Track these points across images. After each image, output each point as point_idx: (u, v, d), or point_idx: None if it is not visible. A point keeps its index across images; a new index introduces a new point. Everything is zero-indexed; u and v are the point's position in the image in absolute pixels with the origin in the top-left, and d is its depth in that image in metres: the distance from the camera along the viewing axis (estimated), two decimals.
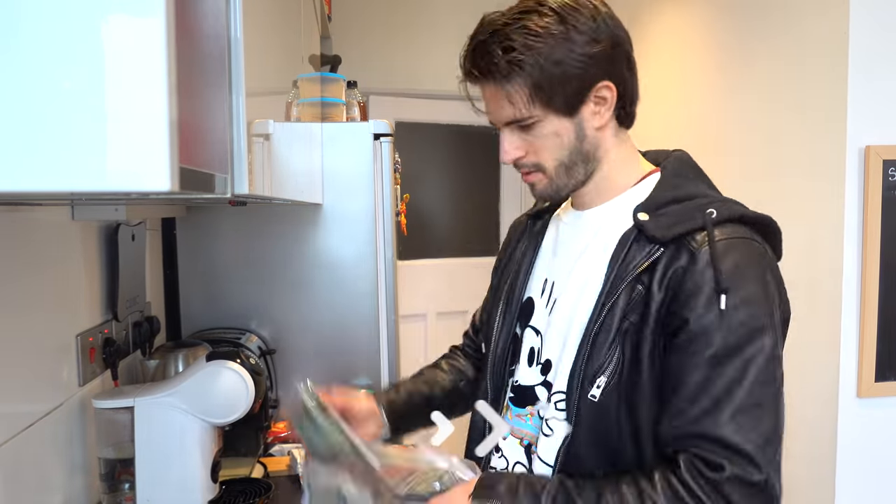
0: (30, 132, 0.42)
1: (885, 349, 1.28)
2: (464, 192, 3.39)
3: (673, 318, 0.86)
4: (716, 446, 0.81)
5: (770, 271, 0.92)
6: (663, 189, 0.95)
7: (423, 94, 3.18)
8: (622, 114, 0.97)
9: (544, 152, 0.93)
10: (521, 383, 1.01)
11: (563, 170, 0.94)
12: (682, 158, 1.02)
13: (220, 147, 0.65)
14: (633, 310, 0.88)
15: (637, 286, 0.89)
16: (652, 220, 0.90)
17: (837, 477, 1.30)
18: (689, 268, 0.86)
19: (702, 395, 0.83)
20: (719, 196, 0.97)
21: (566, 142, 0.93)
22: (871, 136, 1.26)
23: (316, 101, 1.63)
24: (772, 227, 0.96)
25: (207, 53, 0.60)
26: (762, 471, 0.83)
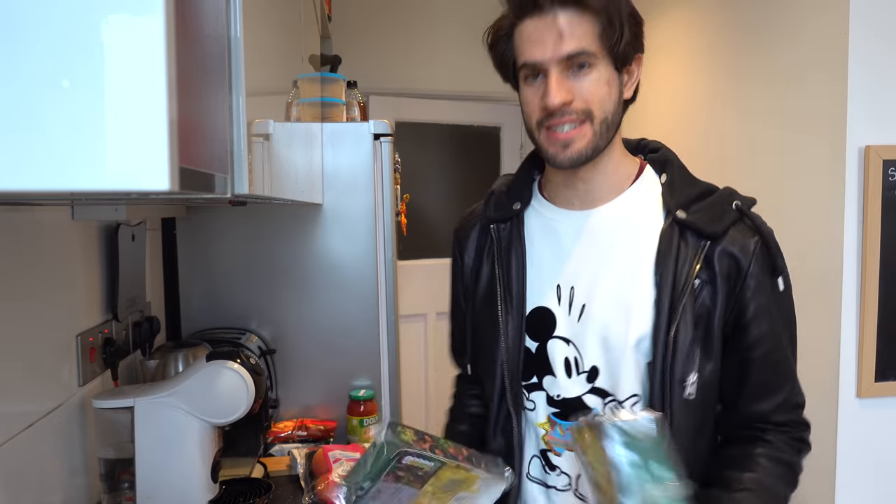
0: (29, 132, 0.42)
1: (885, 349, 1.28)
2: (464, 192, 3.39)
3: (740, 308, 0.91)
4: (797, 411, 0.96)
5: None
6: (685, 185, 0.97)
7: (423, 94, 3.18)
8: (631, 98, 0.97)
9: (595, 98, 0.89)
10: (564, 396, 0.98)
11: (605, 127, 0.92)
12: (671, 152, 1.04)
13: (220, 147, 0.65)
14: (703, 305, 0.91)
15: (700, 282, 0.91)
16: (692, 216, 0.93)
17: (837, 477, 1.30)
18: (742, 261, 0.91)
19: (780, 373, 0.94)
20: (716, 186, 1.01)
21: (614, 95, 0.91)
22: (871, 136, 1.26)
23: (316, 101, 1.63)
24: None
25: (207, 53, 0.60)
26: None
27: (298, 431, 1.71)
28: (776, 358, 0.94)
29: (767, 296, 0.92)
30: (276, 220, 1.80)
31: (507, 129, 3.34)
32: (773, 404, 0.94)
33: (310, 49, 1.93)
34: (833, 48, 1.29)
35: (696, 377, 0.91)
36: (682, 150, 1.84)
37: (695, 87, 1.81)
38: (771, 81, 1.49)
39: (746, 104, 1.58)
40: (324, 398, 1.81)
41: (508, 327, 1.00)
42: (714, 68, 1.71)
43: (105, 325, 1.36)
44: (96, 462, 1.27)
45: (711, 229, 0.92)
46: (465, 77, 3.21)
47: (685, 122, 1.84)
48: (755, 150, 1.55)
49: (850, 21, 1.25)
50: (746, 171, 1.57)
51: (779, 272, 0.93)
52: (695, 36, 1.80)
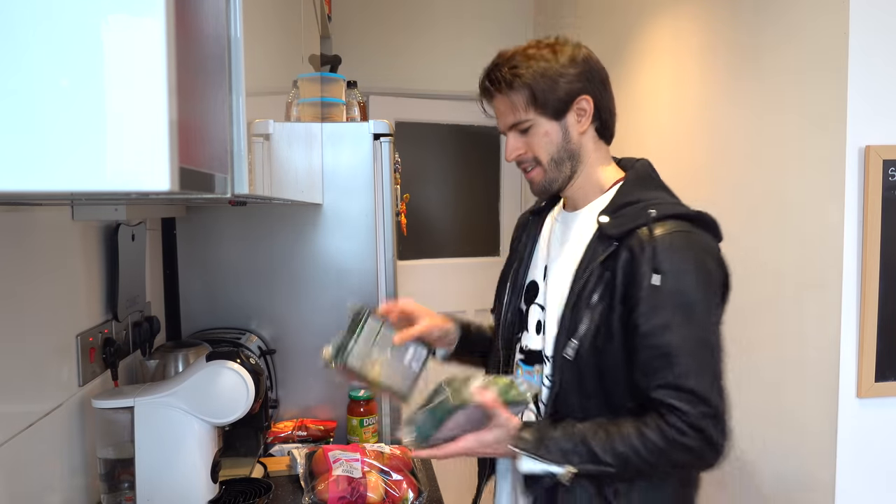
0: (29, 132, 0.42)
1: (885, 349, 1.28)
2: (464, 192, 3.39)
3: (630, 296, 1.11)
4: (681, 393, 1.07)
5: (702, 252, 1.15)
6: (620, 196, 1.20)
7: (423, 94, 3.18)
8: (600, 126, 1.22)
9: (539, 149, 1.19)
10: (530, 348, 1.26)
11: (554, 164, 1.20)
12: (640, 170, 1.25)
13: (220, 147, 0.65)
14: (606, 291, 1.13)
15: (605, 272, 1.14)
16: (610, 221, 1.16)
17: (837, 477, 1.30)
18: (636, 256, 1.11)
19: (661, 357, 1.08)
20: (665, 199, 1.20)
21: (555, 140, 1.19)
22: (871, 136, 1.26)
23: (316, 101, 1.63)
24: (705, 219, 1.18)
25: (207, 53, 0.60)
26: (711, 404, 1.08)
27: (298, 431, 1.71)
28: (656, 342, 1.09)
29: (647, 287, 1.09)
30: (276, 220, 1.80)
31: None
32: (654, 382, 1.09)
33: (310, 49, 1.93)
34: (833, 48, 1.29)
35: (576, 344, 1.13)
36: (681, 150, 1.84)
37: (694, 87, 1.81)
38: (770, 81, 1.49)
39: (746, 104, 1.58)
40: (324, 398, 1.81)
41: (511, 293, 1.32)
42: (713, 68, 1.71)
43: (105, 325, 1.36)
44: (96, 462, 1.27)
45: (611, 232, 1.14)
46: (465, 77, 3.20)
47: (684, 122, 1.84)
48: (755, 150, 1.55)
49: (850, 21, 1.25)
50: (746, 171, 1.57)
51: (657, 270, 1.09)
52: (694, 36, 1.80)
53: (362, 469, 1.41)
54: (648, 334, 1.09)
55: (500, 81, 1.18)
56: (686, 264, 1.11)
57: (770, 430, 1.48)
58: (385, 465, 1.44)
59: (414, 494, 1.40)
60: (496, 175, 3.36)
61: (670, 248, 1.10)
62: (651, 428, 1.08)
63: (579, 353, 1.13)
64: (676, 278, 1.10)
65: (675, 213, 1.15)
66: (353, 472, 1.39)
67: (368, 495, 1.36)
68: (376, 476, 1.40)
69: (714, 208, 1.69)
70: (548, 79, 1.16)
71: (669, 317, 1.09)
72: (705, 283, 1.13)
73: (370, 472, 1.41)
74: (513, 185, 3.37)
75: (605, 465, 1.08)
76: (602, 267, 1.14)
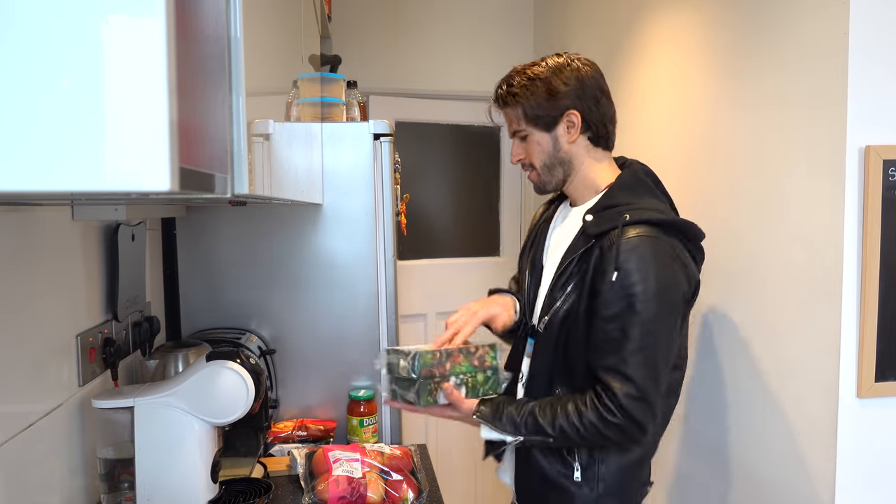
0: (29, 132, 0.42)
1: (885, 349, 1.28)
2: (464, 192, 3.38)
3: (595, 288, 1.29)
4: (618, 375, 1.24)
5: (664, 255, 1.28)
6: (605, 199, 1.37)
7: (423, 94, 3.18)
8: (593, 136, 1.39)
9: (534, 156, 1.41)
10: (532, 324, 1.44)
11: (546, 169, 1.41)
12: (628, 173, 1.40)
13: (220, 147, 0.65)
14: (579, 282, 1.32)
15: (582, 265, 1.32)
16: (592, 220, 1.34)
17: (837, 477, 1.30)
18: (605, 254, 1.28)
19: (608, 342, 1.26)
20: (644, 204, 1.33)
21: (546, 149, 1.40)
22: (871, 136, 1.26)
23: (316, 101, 1.63)
24: (677, 225, 1.32)
25: (207, 53, 0.60)
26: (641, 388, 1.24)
27: (298, 431, 1.71)
28: (607, 328, 1.26)
29: (608, 281, 1.26)
30: (276, 220, 1.80)
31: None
32: (600, 363, 1.27)
33: (310, 49, 1.93)
34: (833, 48, 1.29)
35: (547, 319, 1.35)
36: (680, 150, 1.84)
37: (693, 87, 1.81)
38: (770, 81, 1.49)
39: (744, 104, 1.58)
40: (324, 398, 1.81)
41: (531, 274, 1.49)
42: (712, 68, 1.71)
43: (105, 325, 1.36)
44: (96, 462, 1.27)
45: (591, 231, 1.32)
46: (465, 77, 3.21)
47: (682, 121, 1.84)
48: (754, 150, 1.55)
49: (850, 21, 1.24)
50: (745, 171, 1.57)
51: (617, 268, 1.25)
52: (693, 36, 1.80)
53: (362, 469, 1.41)
54: (603, 320, 1.26)
55: (501, 98, 1.41)
56: (643, 265, 1.25)
57: (770, 429, 1.48)
58: (385, 465, 1.44)
59: (414, 494, 1.40)
60: (496, 175, 3.36)
61: (632, 249, 1.25)
62: (588, 407, 1.26)
63: (548, 328, 1.35)
64: (632, 276, 1.24)
65: (645, 219, 1.29)
66: (353, 472, 1.39)
67: (368, 495, 1.36)
68: (376, 476, 1.40)
69: (713, 208, 1.69)
70: (538, 97, 1.37)
71: (621, 309, 1.25)
72: (662, 284, 1.26)
73: (370, 472, 1.41)
74: (513, 185, 3.37)
75: (547, 437, 1.28)
76: (580, 260, 1.32)
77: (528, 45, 3.30)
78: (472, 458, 3.25)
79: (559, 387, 1.36)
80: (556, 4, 2.99)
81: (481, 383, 1.36)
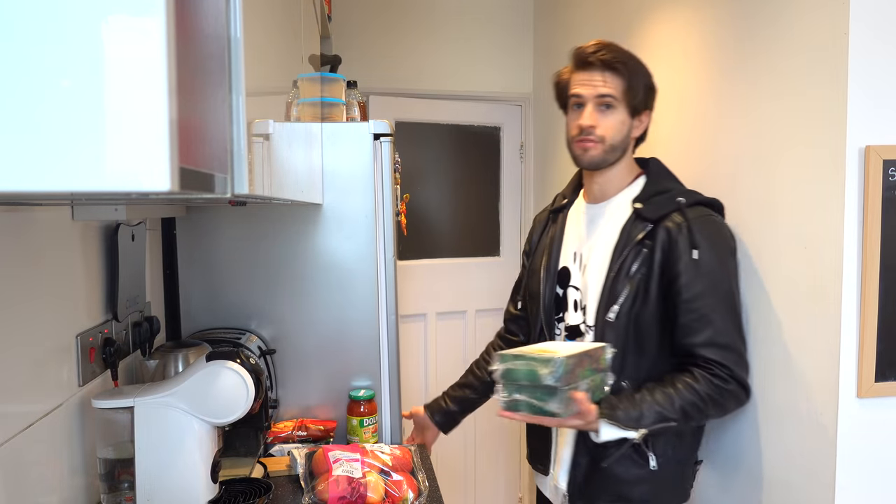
0: (29, 132, 0.42)
1: (885, 349, 1.28)
2: (464, 192, 3.38)
3: (669, 269, 1.35)
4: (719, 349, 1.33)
5: (724, 233, 1.44)
6: (650, 186, 1.46)
7: (423, 94, 3.18)
8: (639, 139, 1.49)
9: (610, 130, 1.41)
10: (570, 324, 1.50)
11: (611, 148, 1.43)
12: (658, 166, 1.52)
13: (220, 147, 0.64)
14: (643, 263, 1.37)
15: (643, 249, 1.37)
16: (644, 207, 1.41)
17: (837, 477, 1.30)
18: (675, 236, 1.35)
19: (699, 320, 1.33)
20: (684, 190, 1.47)
21: (622, 130, 1.43)
22: (871, 136, 1.26)
23: (316, 101, 1.63)
24: (718, 204, 1.49)
25: (207, 53, 0.60)
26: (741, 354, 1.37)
27: (298, 431, 1.71)
28: (696, 306, 1.33)
29: (688, 261, 1.34)
30: (276, 220, 1.79)
31: (507, 128, 3.34)
32: (697, 341, 1.33)
33: (310, 49, 1.93)
34: (833, 48, 1.29)
35: (617, 308, 1.38)
36: (680, 150, 1.84)
37: (692, 87, 1.81)
38: (769, 81, 1.49)
39: (744, 104, 1.58)
40: (324, 398, 1.81)
41: (545, 280, 1.53)
42: (712, 68, 1.71)
43: (105, 325, 1.36)
44: (96, 462, 1.27)
45: (650, 216, 1.39)
46: (465, 77, 3.21)
47: (683, 122, 1.84)
48: (754, 150, 1.55)
49: (850, 21, 1.24)
50: (745, 171, 1.57)
51: (695, 246, 1.34)
52: (692, 35, 1.80)
53: (362, 469, 1.41)
54: (690, 300, 1.33)
55: (610, 61, 1.38)
56: (715, 243, 1.37)
57: (769, 429, 1.48)
58: (385, 465, 1.44)
59: (414, 494, 1.40)
60: (496, 175, 3.36)
61: (702, 229, 1.36)
62: (700, 382, 1.31)
63: (619, 316, 1.38)
64: (709, 253, 1.34)
65: (699, 200, 1.43)
66: (353, 472, 1.39)
67: (368, 495, 1.36)
68: (376, 476, 1.40)
69: None
70: (644, 81, 1.43)
71: (706, 286, 1.33)
72: (729, 255, 1.41)
73: (370, 472, 1.41)
74: (513, 185, 3.37)
75: (671, 421, 1.30)
76: (640, 244, 1.37)
77: (528, 46, 3.30)
78: (472, 459, 3.25)
79: (626, 379, 1.38)
80: (556, 5, 2.99)
81: (598, 385, 1.32)
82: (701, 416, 1.34)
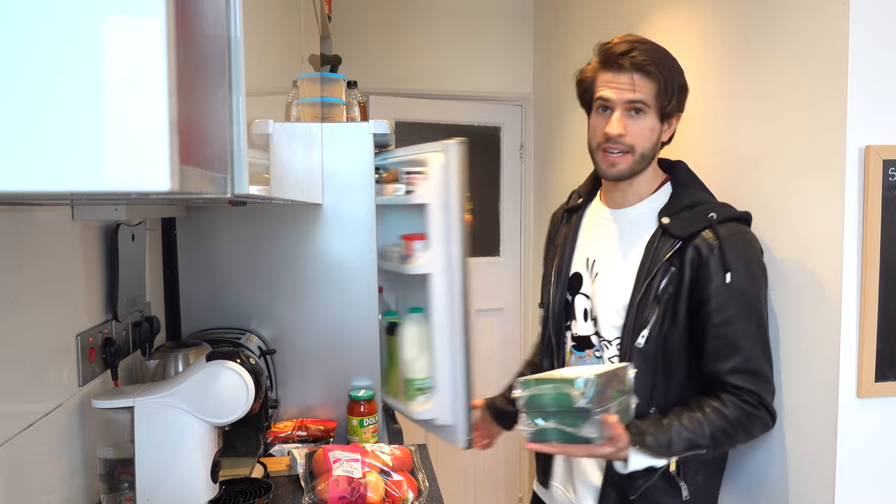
0: (29, 132, 0.42)
1: (885, 349, 1.28)
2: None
3: (699, 291, 1.25)
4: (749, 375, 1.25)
5: (756, 248, 1.33)
6: (678, 199, 1.34)
7: (424, 94, 3.18)
8: (667, 142, 1.37)
9: (639, 139, 1.30)
10: (579, 334, 1.41)
11: (640, 157, 1.32)
12: (684, 174, 1.39)
13: (220, 147, 0.65)
14: (671, 283, 1.27)
15: (671, 268, 1.27)
16: (672, 222, 1.30)
17: (837, 477, 1.30)
18: (706, 256, 1.25)
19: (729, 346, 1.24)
20: (715, 201, 1.35)
21: (652, 137, 1.31)
22: (871, 136, 1.26)
23: (316, 101, 1.63)
24: (749, 218, 1.37)
25: (207, 53, 0.60)
26: (770, 381, 1.29)
27: (298, 431, 1.71)
28: (725, 332, 1.24)
29: (719, 284, 1.24)
30: (276, 220, 1.79)
31: (507, 128, 3.34)
32: (725, 367, 1.25)
33: (310, 49, 1.93)
34: (833, 48, 1.29)
35: (647, 333, 1.28)
36: (679, 149, 1.84)
37: (692, 86, 1.81)
38: (769, 81, 1.49)
39: (744, 104, 1.58)
40: (324, 398, 1.81)
41: (556, 285, 1.45)
42: (712, 68, 1.71)
43: (105, 325, 1.36)
44: (96, 462, 1.27)
45: (679, 233, 1.28)
46: (465, 77, 3.21)
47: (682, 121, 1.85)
48: (754, 150, 1.55)
49: (850, 21, 1.24)
50: (745, 171, 1.57)
51: (727, 269, 1.24)
52: (692, 36, 1.80)
53: (362, 469, 1.41)
54: (720, 325, 1.24)
55: (642, 64, 1.26)
56: (749, 263, 1.28)
57: None
58: (385, 465, 1.44)
59: (414, 494, 1.40)
60: (496, 175, 3.36)
61: (735, 249, 1.26)
62: (729, 407, 1.24)
63: (648, 341, 1.28)
64: (743, 276, 1.25)
65: (732, 216, 1.31)
66: (353, 472, 1.39)
67: (368, 495, 1.36)
68: (376, 476, 1.40)
69: None
70: (677, 82, 1.31)
71: (738, 310, 1.24)
72: (761, 277, 1.31)
73: (370, 472, 1.41)
74: (513, 185, 3.37)
75: (701, 448, 1.22)
76: (668, 263, 1.27)
77: (528, 46, 3.30)
78: (472, 459, 3.25)
79: (653, 405, 1.29)
80: (556, 5, 2.99)
81: (625, 409, 1.21)
82: (730, 443, 1.28)
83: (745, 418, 1.25)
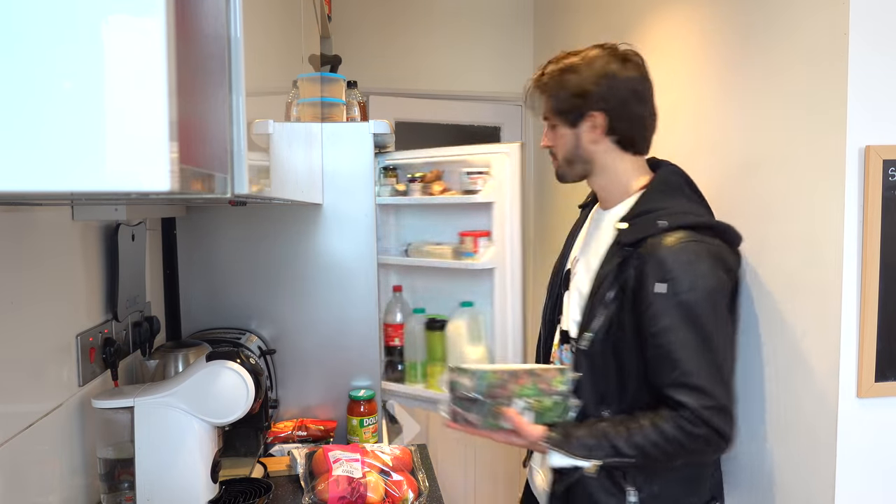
0: (30, 132, 0.42)
1: (885, 349, 1.28)
2: None
3: (639, 300, 1.24)
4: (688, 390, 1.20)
5: (709, 258, 1.25)
6: (638, 205, 1.34)
7: (424, 94, 3.18)
8: (620, 139, 1.35)
9: (559, 146, 1.40)
10: (562, 328, 1.45)
11: (566, 162, 1.40)
12: (661, 177, 1.38)
13: (220, 147, 0.65)
14: (619, 292, 1.27)
15: (620, 275, 1.27)
16: (626, 229, 1.30)
17: (837, 477, 1.30)
18: (646, 264, 1.24)
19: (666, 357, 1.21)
20: (679, 208, 1.32)
21: (567, 143, 1.38)
22: (871, 136, 1.26)
23: (316, 101, 1.63)
24: (716, 227, 1.32)
25: (207, 53, 0.60)
26: (716, 398, 1.21)
27: (298, 431, 1.71)
28: (661, 342, 1.22)
29: (658, 293, 1.21)
30: (276, 220, 1.79)
31: (507, 129, 3.34)
32: (665, 381, 1.22)
33: (310, 49, 1.93)
34: (833, 48, 1.29)
35: (591, 336, 1.29)
36: (679, 149, 1.84)
37: (692, 86, 1.81)
38: (769, 81, 1.49)
39: (744, 104, 1.58)
40: (324, 398, 1.81)
41: (554, 279, 1.51)
42: (712, 68, 1.71)
43: (105, 325, 1.36)
44: (96, 462, 1.27)
45: (626, 240, 1.28)
46: (465, 77, 3.21)
47: (682, 121, 1.84)
48: (754, 150, 1.55)
49: (850, 21, 1.24)
50: (745, 171, 1.57)
51: (665, 278, 1.21)
52: (692, 35, 1.80)
53: (362, 469, 1.41)
54: (655, 335, 1.22)
55: (534, 84, 1.40)
56: (690, 272, 1.22)
57: (769, 429, 1.48)
58: (385, 465, 1.44)
59: (414, 494, 1.40)
60: None
61: (676, 257, 1.22)
62: (666, 421, 1.20)
63: (593, 344, 1.29)
64: (680, 285, 1.21)
65: (684, 224, 1.27)
66: (353, 472, 1.39)
67: (368, 495, 1.36)
68: (376, 476, 1.40)
69: (712, 208, 1.69)
70: (566, 92, 1.34)
71: (673, 320, 1.21)
72: (711, 289, 1.24)
73: (370, 472, 1.41)
74: None
75: (627, 457, 1.21)
76: (617, 269, 1.27)
77: (527, 46, 3.30)
78: (472, 459, 3.25)
79: (607, 409, 1.29)
80: (555, 5, 2.99)
81: (549, 409, 1.28)
82: (667, 458, 1.23)
83: (683, 436, 1.20)
